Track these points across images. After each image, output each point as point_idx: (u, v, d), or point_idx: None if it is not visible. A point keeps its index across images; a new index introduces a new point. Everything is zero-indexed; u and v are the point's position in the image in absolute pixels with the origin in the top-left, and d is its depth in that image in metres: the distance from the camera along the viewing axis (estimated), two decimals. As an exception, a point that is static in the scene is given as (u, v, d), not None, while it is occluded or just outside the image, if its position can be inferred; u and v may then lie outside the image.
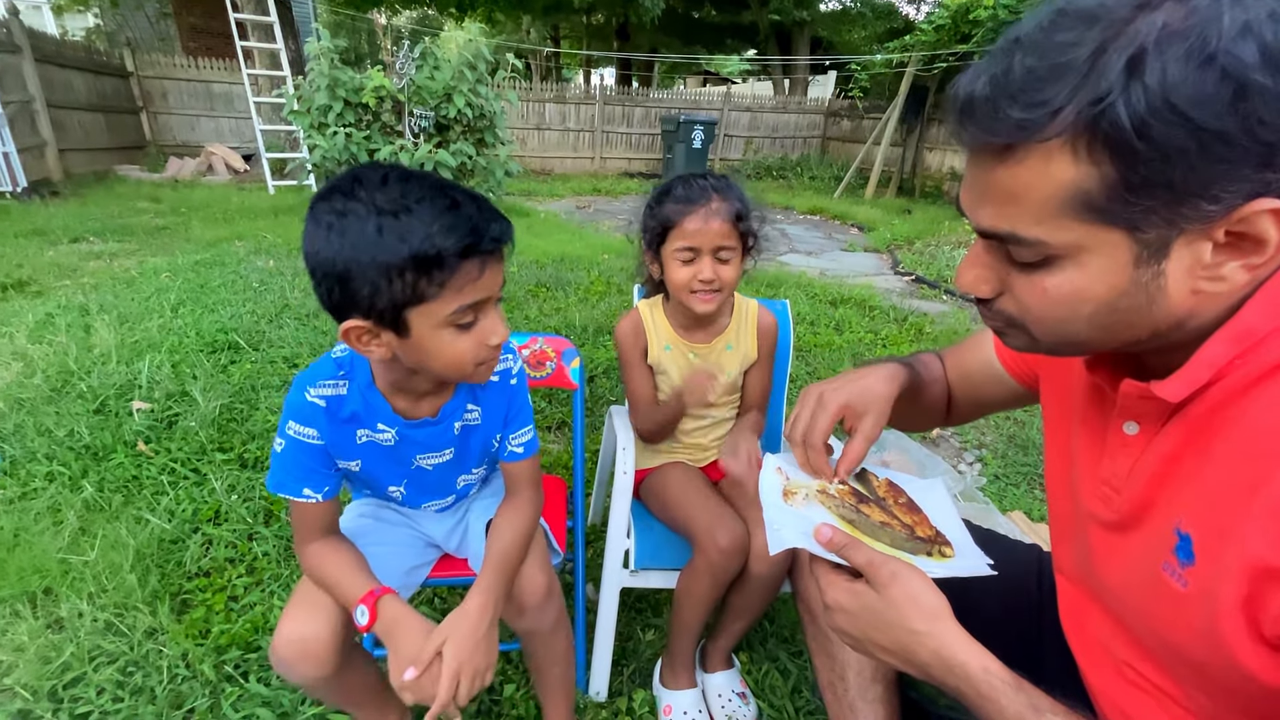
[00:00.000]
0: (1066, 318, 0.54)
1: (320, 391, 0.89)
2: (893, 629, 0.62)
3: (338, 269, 0.73)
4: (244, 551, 1.63)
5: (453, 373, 0.84)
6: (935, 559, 0.70)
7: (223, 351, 2.79)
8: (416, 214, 0.72)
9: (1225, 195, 0.44)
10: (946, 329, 3.71)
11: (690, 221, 1.14)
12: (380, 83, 5.37)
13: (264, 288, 3.73)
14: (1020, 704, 0.57)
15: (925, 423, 1.02)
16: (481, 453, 1.06)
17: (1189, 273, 0.49)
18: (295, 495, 0.91)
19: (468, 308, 0.77)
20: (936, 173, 10.62)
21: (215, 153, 8.80)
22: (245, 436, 2.12)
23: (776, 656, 1.42)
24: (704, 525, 1.13)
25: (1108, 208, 0.47)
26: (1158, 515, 0.58)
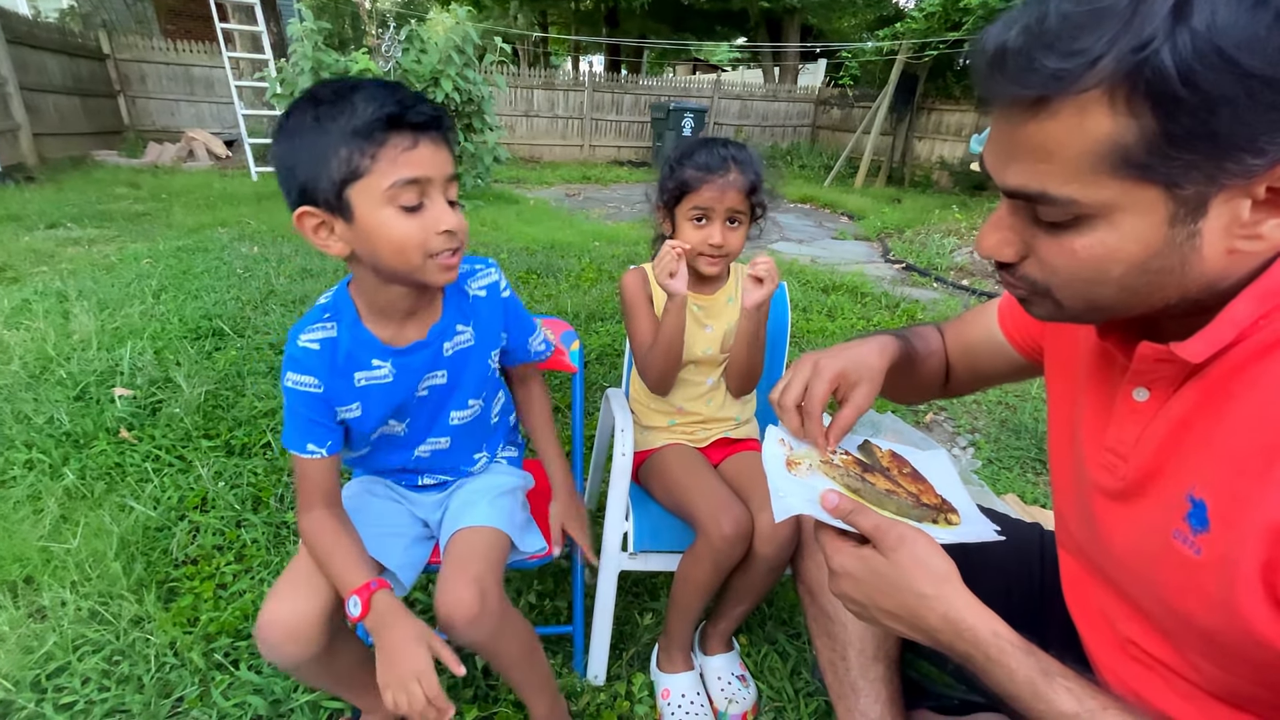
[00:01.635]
0: (1095, 280, 0.52)
1: (312, 336, 0.90)
2: (900, 593, 0.61)
3: (286, 163, 0.79)
4: (232, 539, 1.60)
5: (401, 263, 0.82)
6: (941, 526, 0.69)
7: (207, 338, 2.73)
8: (347, 97, 0.77)
9: (1271, 147, 0.42)
10: (938, 315, 3.72)
11: (707, 189, 1.19)
12: (366, 66, 5.27)
13: (248, 274, 3.66)
14: (1030, 667, 0.56)
15: (920, 395, 1.01)
16: (477, 380, 1.04)
17: (1225, 232, 0.47)
18: (300, 451, 0.92)
19: (406, 183, 0.78)
20: (926, 162, 10.65)
21: (196, 138, 8.62)
22: (232, 423, 2.08)
23: (775, 639, 1.41)
24: (708, 511, 1.12)
25: (1146, 163, 0.44)
26: (1168, 482, 0.56)
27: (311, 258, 4.06)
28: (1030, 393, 2.75)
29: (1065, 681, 0.55)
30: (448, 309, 0.99)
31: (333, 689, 1.04)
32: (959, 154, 10.00)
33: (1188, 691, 0.60)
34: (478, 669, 1.29)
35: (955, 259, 5.35)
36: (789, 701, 1.28)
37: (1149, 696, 0.64)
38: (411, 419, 1.02)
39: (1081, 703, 0.54)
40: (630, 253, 4.65)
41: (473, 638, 0.93)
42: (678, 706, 1.23)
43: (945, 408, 2.63)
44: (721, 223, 1.21)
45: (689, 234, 1.23)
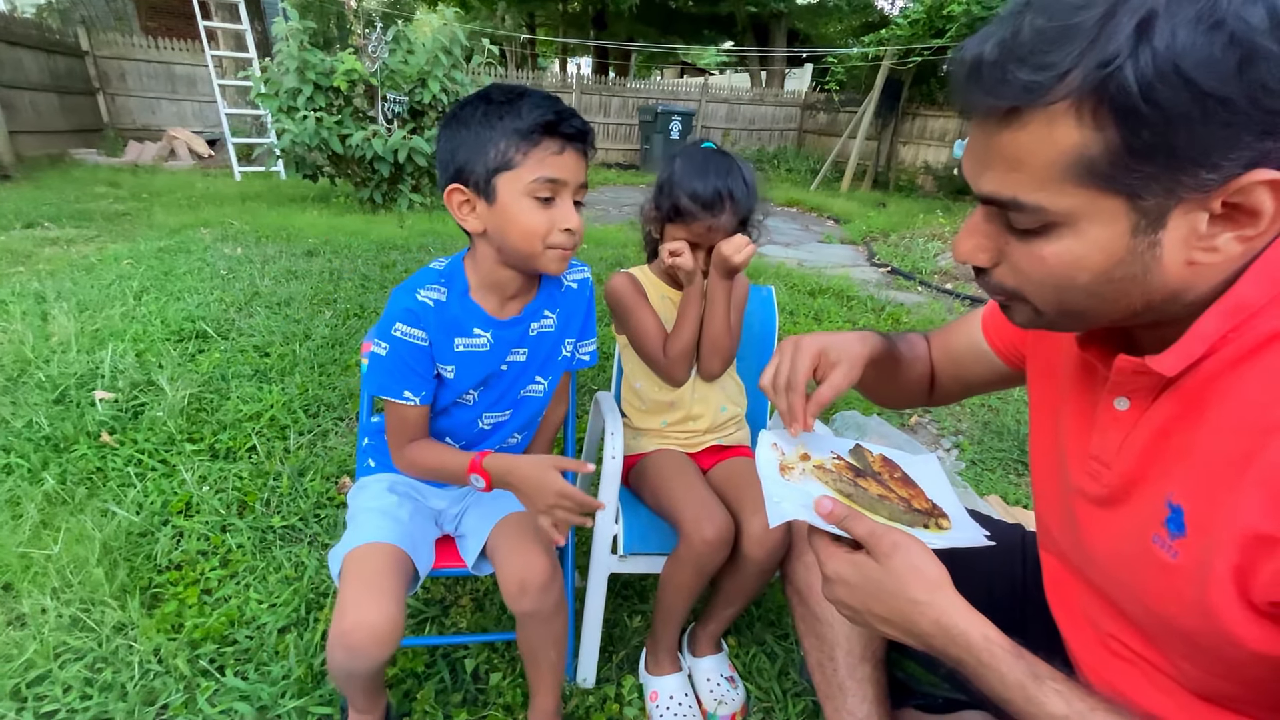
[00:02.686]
0: (1064, 286, 0.54)
1: (428, 294, 0.99)
2: (894, 599, 0.62)
3: (452, 147, 0.92)
4: (217, 544, 1.58)
5: (524, 245, 0.94)
6: (933, 531, 0.70)
7: (190, 340, 2.70)
8: (515, 102, 0.91)
9: (1225, 163, 0.44)
10: (922, 319, 3.76)
11: (698, 225, 1.21)
12: (352, 66, 5.23)
13: (232, 275, 3.62)
14: (1020, 671, 0.57)
15: (905, 398, 1.02)
16: (547, 359, 1.13)
17: (1184, 243, 0.49)
18: (396, 397, 1.00)
19: (547, 181, 0.90)
20: (910, 167, 10.78)
21: (178, 137, 8.50)
22: (216, 426, 2.05)
23: (763, 640, 1.42)
24: (690, 515, 1.13)
25: (1109, 173, 0.47)
26: (1148, 488, 0.58)
27: (296, 260, 4.02)
28: (1013, 395, 2.79)
29: (1055, 684, 0.56)
30: (540, 295, 1.09)
31: (362, 694, 1.04)
32: (943, 159, 10.13)
33: (1169, 687, 0.62)
34: (466, 672, 1.29)
35: (939, 263, 5.41)
36: (777, 702, 1.29)
37: (1131, 692, 0.65)
38: (485, 389, 1.10)
39: (1070, 705, 0.54)
40: (619, 255, 4.66)
41: (541, 604, 1.01)
42: (666, 709, 1.23)
43: (930, 410, 2.67)
44: (708, 249, 1.24)
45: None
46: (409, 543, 1.02)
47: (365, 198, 5.79)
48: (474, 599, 1.49)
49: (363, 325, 3.00)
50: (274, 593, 1.45)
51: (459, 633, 1.40)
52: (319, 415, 2.20)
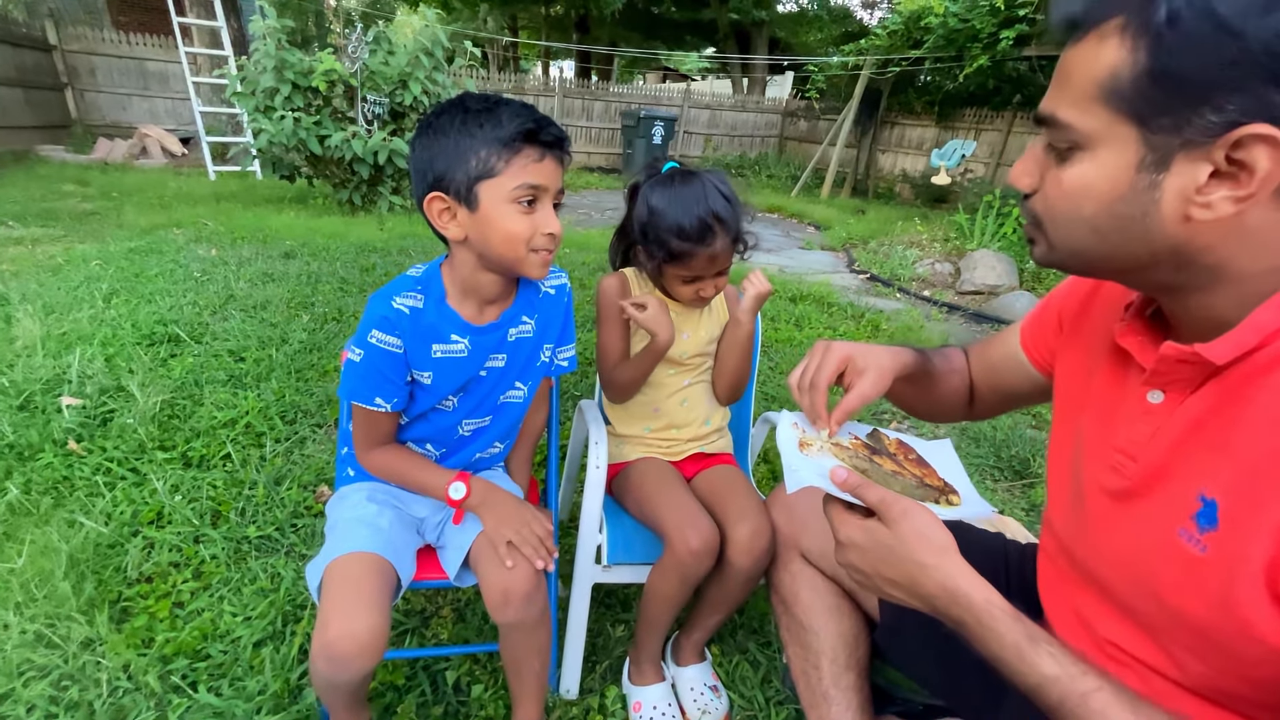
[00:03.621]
0: (1071, 215, 0.57)
1: (404, 301, 1.00)
2: (903, 563, 0.65)
3: (430, 155, 0.92)
4: (190, 555, 1.54)
5: (508, 252, 0.95)
6: (943, 506, 0.73)
7: (162, 344, 2.64)
8: (494, 110, 0.91)
9: (1229, 105, 0.47)
10: (901, 325, 3.82)
11: (696, 262, 1.20)
12: (331, 66, 5.16)
13: (206, 278, 3.55)
14: (1018, 633, 0.60)
15: (944, 412, 1.02)
16: (526, 364, 1.14)
17: (1182, 195, 0.51)
18: (367, 403, 1.02)
19: (528, 187, 0.92)
20: (889, 174, 10.94)
21: (149, 134, 8.32)
22: (189, 434, 2.01)
23: (746, 648, 1.43)
24: (675, 525, 1.13)
25: (1130, 96, 0.50)
26: (1177, 481, 0.59)
27: (273, 262, 3.95)
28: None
29: (1049, 647, 0.59)
30: (519, 300, 1.10)
31: (344, 708, 1.02)
32: (920, 167, 10.29)
33: (1165, 689, 0.63)
34: (447, 684, 1.28)
35: (917, 270, 5.49)
36: (760, 710, 1.30)
37: None
38: (465, 395, 1.10)
39: (1063, 667, 0.58)
40: (600, 260, 4.65)
41: (525, 615, 1.01)
42: (649, 719, 1.23)
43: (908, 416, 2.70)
44: (711, 279, 1.25)
45: (678, 289, 1.27)
46: (391, 551, 1.01)
47: (344, 199, 5.71)
48: (455, 609, 1.47)
49: (341, 329, 2.96)
50: (249, 605, 1.41)
51: (440, 644, 1.38)
52: (296, 422, 2.16)
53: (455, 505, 1.05)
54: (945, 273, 5.50)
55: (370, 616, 0.90)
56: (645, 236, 1.23)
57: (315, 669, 0.90)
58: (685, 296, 1.27)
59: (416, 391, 1.07)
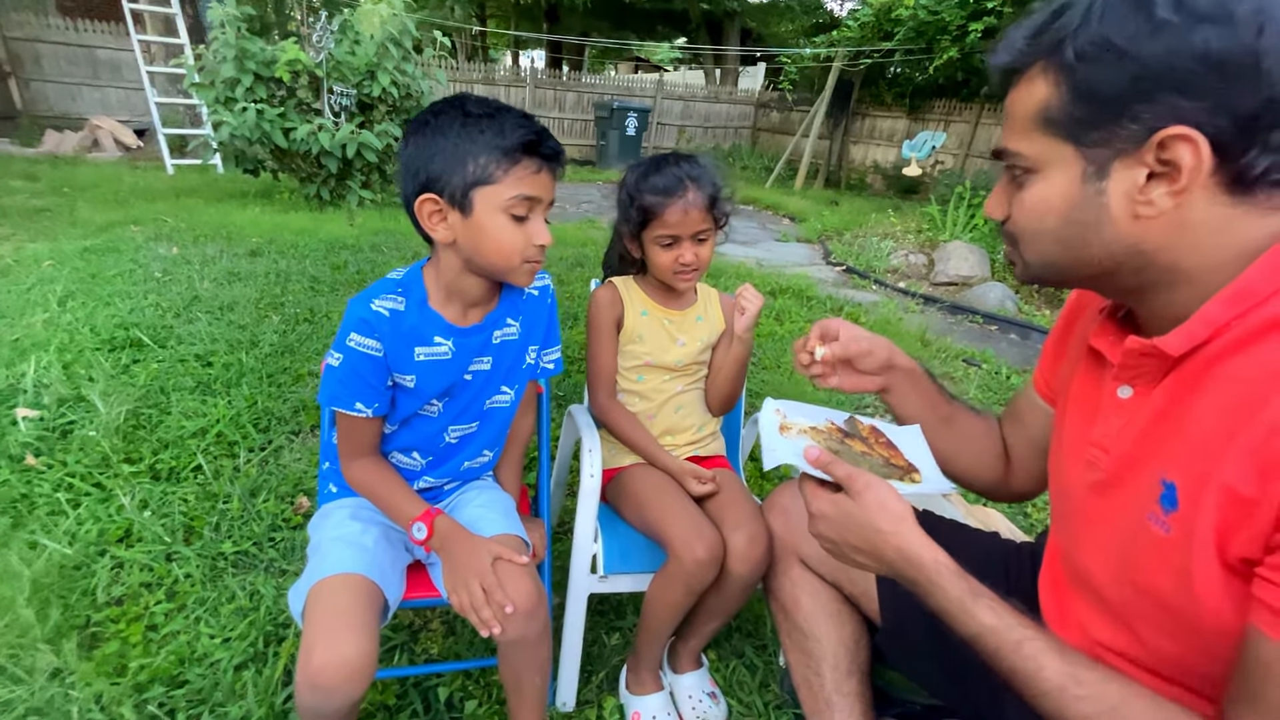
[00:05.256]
0: (1037, 229, 0.64)
1: (384, 303, 0.98)
2: (864, 530, 0.73)
3: (425, 155, 0.91)
4: (162, 575, 1.47)
5: (500, 261, 0.95)
6: (905, 483, 0.81)
7: (123, 350, 2.52)
8: (496, 117, 0.91)
9: (1144, 114, 0.54)
10: (880, 318, 3.85)
11: (670, 213, 1.20)
12: (295, 56, 4.98)
13: (168, 278, 3.41)
14: (961, 589, 0.67)
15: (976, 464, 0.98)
16: (512, 368, 1.12)
17: (1127, 197, 0.57)
18: (347, 409, 0.99)
19: (524, 198, 0.91)
20: (861, 165, 11.04)
21: (102, 126, 7.96)
22: (156, 445, 1.92)
23: (743, 652, 1.42)
24: (680, 534, 1.11)
25: (1061, 121, 0.59)
26: (1144, 469, 0.62)
27: (239, 260, 3.82)
28: (969, 394, 2.88)
29: (989, 601, 0.66)
30: (503, 302, 1.08)
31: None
32: (891, 158, 10.41)
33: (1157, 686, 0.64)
34: (440, 702, 1.24)
35: (892, 261, 5.56)
36: (760, 715, 1.29)
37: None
38: (450, 400, 1.08)
39: (1000, 618, 0.64)
40: (578, 254, 4.60)
41: (526, 631, 0.99)
42: (649, 729, 1.21)
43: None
44: (690, 241, 1.23)
45: (659, 256, 1.25)
46: (377, 571, 0.97)
47: (311, 194, 5.54)
48: (445, 623, 1.43)
49: (314, 330, 2.87)
50: (228, 626, 1.36)
51: (430, 660, 1.34)
52: (270, 430, 2.08)
53: (419, 544, 1.01)
54: (919, 264, 5.57)
55: (357, 642, 0.86)
56: (625, 210, 1.26)
57: (301, 699, 0.86)
58: (666, 267, 1.25)
59: (399, 396, 1.05)
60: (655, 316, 1.34)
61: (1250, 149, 0.53)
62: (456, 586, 0.96)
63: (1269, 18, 0.50)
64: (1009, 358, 3.51)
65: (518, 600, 0.96)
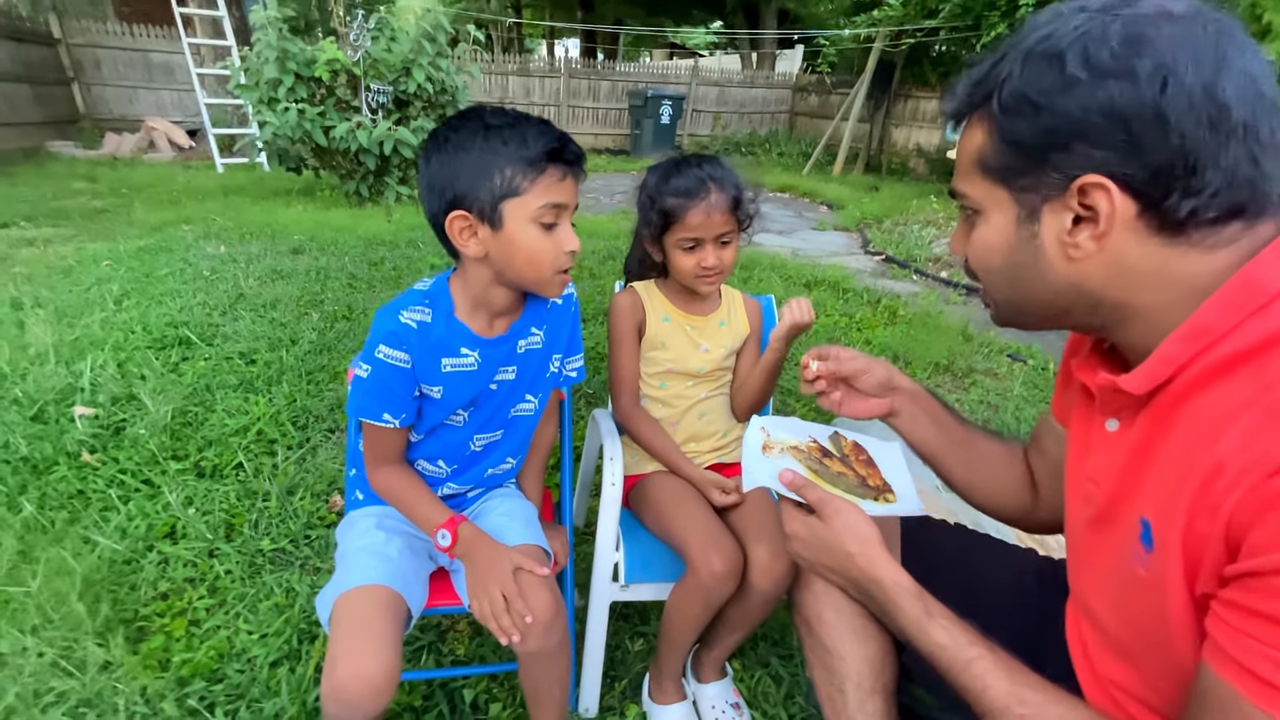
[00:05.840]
0: (987, 268, 0.67)
1: (412, 315, 0.99)
2: (833, 551, 0.78)
3: (450, 172, 0.91)
4: (204, 571, 1.53)
5: (531, 273, 0.95)
6: (879, 503, 0.85)
7: (173, 348, 2.63)
8: (516, 127, 0.91)
9: (1065, 165, 0.56)
10: (920, 311, 3.73)
11: (693, 216, 1.18)
12: (334, 55, 5.09)
13: (215, 276, 3.54)
14: (917, 609, 0.72)
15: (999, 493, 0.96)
16: (536, 376, 1.12)
17: (1058, 239, 0.59)
18: (375, 419, 1.01)
19: (552, 206, 0.91)
20: (902, 150, 10.67)
21: (156, 128, 8.30)
22: (201, 443, 2.00)
23: (768, 662, 1.40)
24: (698, 546, 1.09)
25: (995, 167, 0.61)
26: (1127, 506, 0.62)
27: (282, 258, 3.93)
28: (1012, 391, 2.77)
29: (944, 621, 0.70)
30: (527, 312, 1.08)
31: None
32: (935, 141, 10.03)
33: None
34: (465, 704, 1.26)
35: (933, 250, 5.36)
36: (784, 728, 1.27)
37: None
38: (475, 409, 1.09)
39: (952, 637, 0.68)
40: (611, 247, 4.58)
41: (544, 643, 0.99)
42: (672, 739, 1.21)
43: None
44: (713, 244, 1.20)
45: (681, 260, 1.22)
46: (401, 582, 0.98)
47: (351, 191, 5.67)
48: (471, 624, 1.45)
49: (350, 328, 2.94)
50: (265, 622, 1.41)
51: (456, 661, 1.36)
52: (308, 427, 2.14)
53: (443, 551, 1.01)
54: (963, 253, 5.36)
55: (380, 657, 0.87)
56: (645, 215, 1.24)
57: (326, 711, 0.88)
58: (688, 271, 1.22)
59: (425, 406, 1.06)
60: (677, 322, 1.31)
61: (1169, 194, 0.53)
62: (478, 593, 0.97)
63: (1171, 73, 0.51)
64: (1056, 353, 3.36)
65: (537, 611, 0.97)
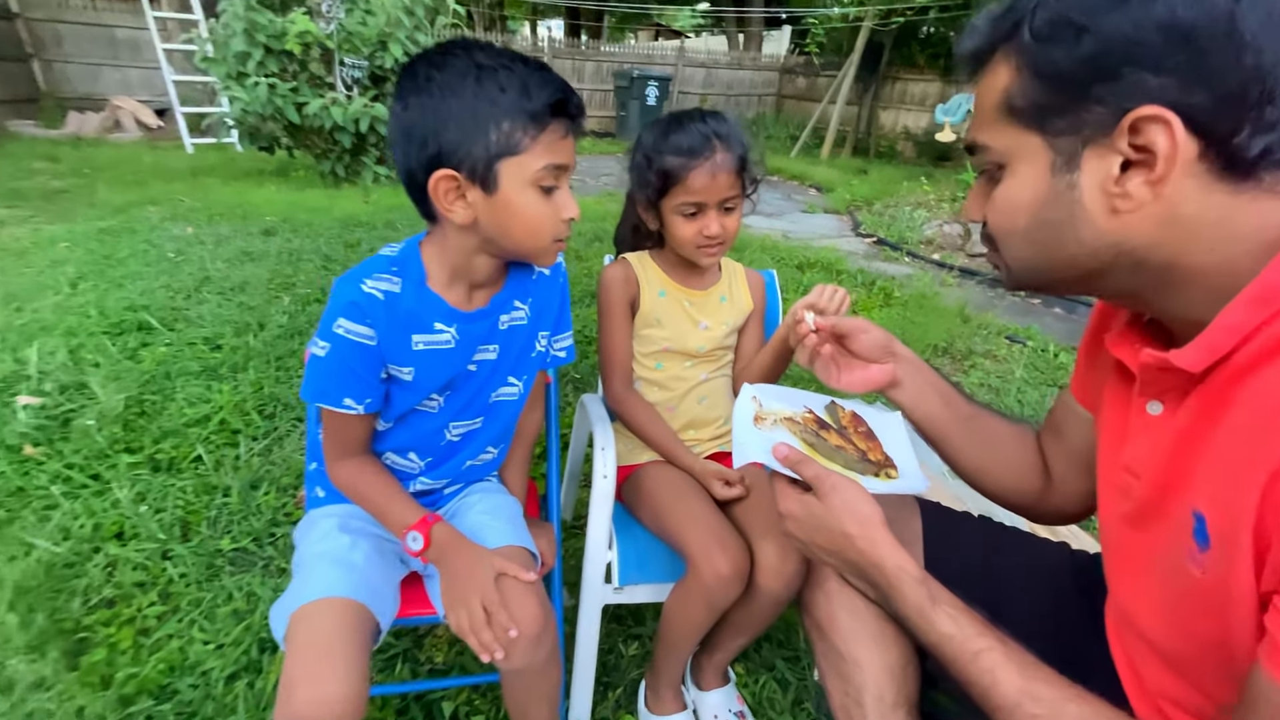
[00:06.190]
0: (1010, 230, 0.59)
1: (377, 284, 0.85)
2: (831, 532, 0.71)
3: (434, 120, 0.76)
4: (156, 575, 1.40)
5: (529, 241, 0.84)
6: (881, 479, 0.78)
7: (131, 333, 2.46)
8: (515, 71, 0.77)
9: (1110, 95, 0.49)
10: (915, 293, 3.64)
11: (696, 177, 1.04)
12: (305, 28, 4.85)
13: (181, 258, 3.35)
14: (920, 595, 0.65)
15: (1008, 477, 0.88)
16: (520, 356, 1.01)
17: (1102, 188, 0.51)
18: (335, 405, 0.87)
19: (554, 168, 0.80)
20: (891, 132, 10.58)
21: (122, 106, 7.95)
22: (157, 434, 1.85)
23: (773, 665, 1.30)
24: (701, 546, 0.98)
25: (1023, 107, 0.54)
26: (1175, 500, 0.54)
27: (252, 239, 3.75)
28: (1013, 374, 2.69)
29: (949, 609, 0.63)
30: (510, 283, 0.96)
31: None
32: (923, 124, 9.94)
33: None
34: (444, 717, 1.14)
35: (925, 232, 5.29)
36: (792, 737, 1.17)
37: None
38: (452, 393, 0.97)
39: (959, 627, 0.62)
40: (597, 229, 4.44)
41: (531, 659, 0.88)
42: (671, 752, 1.11)
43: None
44: (716, 210, 1.07)
45: (680, 228, 1.10)
46: (368, 592, 0.86)
47: (327, 171, 5.45)
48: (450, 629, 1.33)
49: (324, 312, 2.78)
50: (222, 630, 1.28)
51: (433, 671, 1.25)
52: (275, 416, 2.00)
53: (414, 555, 0.89)
54: (954, 234, 5.29)
55: (343, 679, 0.75)
56: (642, 173, 1.10)
57: None
58: (689, 240, 1.10)
59: (394, 390, 0.93)
60: (674, 297, 1.19)
61: (1239, 128, 0.46)
62: (455, 604, 0.85)
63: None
64: (1055, 334, 3.29)
65: (522, 623, 0.85)
